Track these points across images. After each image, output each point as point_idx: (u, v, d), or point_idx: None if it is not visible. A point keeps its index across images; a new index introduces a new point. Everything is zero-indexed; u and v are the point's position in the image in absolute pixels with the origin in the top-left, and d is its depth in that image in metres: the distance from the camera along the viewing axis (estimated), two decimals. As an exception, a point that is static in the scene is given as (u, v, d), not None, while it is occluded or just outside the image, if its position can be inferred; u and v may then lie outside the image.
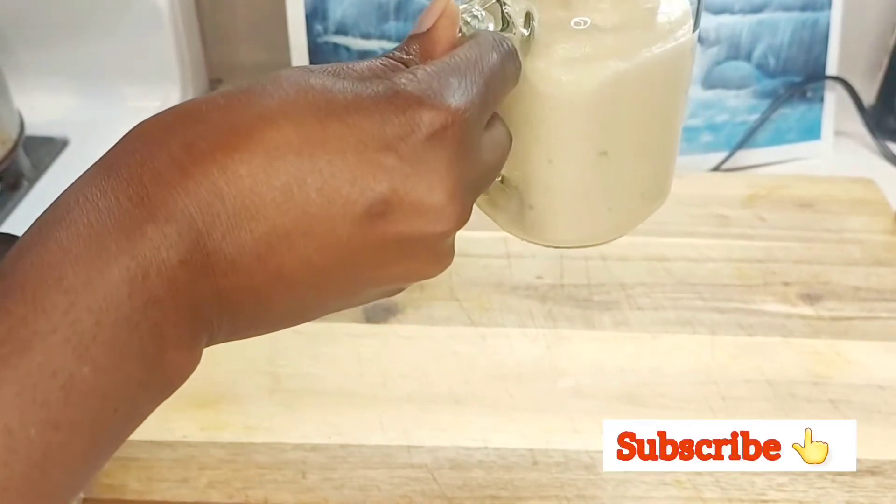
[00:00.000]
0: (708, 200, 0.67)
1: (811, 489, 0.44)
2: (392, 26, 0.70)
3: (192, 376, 0.25)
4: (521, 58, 0.31)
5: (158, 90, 0.77)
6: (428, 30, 0.29)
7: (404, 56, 0.28)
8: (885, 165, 0.77)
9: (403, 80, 0.26)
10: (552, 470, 0.45)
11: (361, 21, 0.70)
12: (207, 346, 0.25)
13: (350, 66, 0.27)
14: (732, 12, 0.72)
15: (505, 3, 0.32)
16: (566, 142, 0.34)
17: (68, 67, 0.75)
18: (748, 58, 0.74)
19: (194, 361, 0.24)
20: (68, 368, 0.21)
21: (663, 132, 0.36)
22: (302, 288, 0.25)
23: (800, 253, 0.62)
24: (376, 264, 0.26)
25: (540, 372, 0.51)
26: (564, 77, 0.32)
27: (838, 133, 0.78)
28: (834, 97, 0.77)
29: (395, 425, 0.47)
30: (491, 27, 0.31)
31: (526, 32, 0.32)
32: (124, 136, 0.25)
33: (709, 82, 0.73)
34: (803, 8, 0.74)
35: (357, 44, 0.70)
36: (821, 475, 0.45)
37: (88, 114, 0.75)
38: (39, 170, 0.67)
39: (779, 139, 0.76)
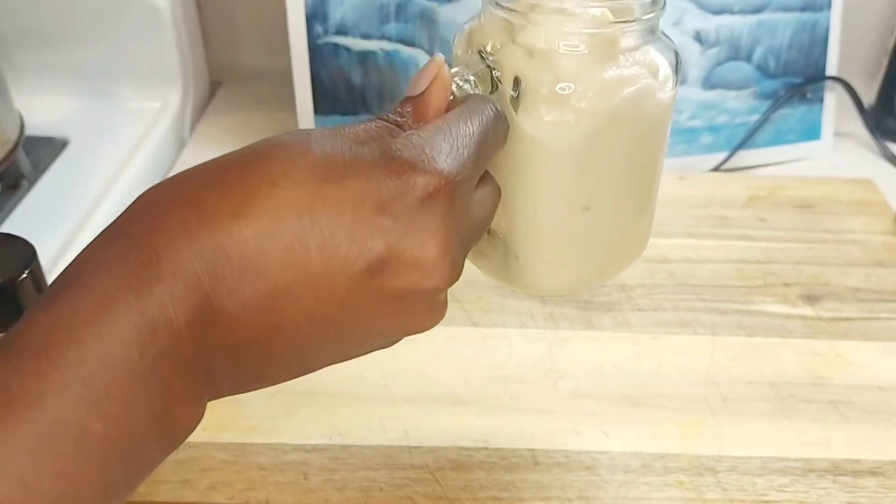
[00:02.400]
0: (708, 201, 0.67)
1: (812, 490, 0.44)
2: (392, 27, 0.70)
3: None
4: (511, 116, 0.33)
5: (159, 91, 0.77)
6: (421, 93, 0.30)
7: (398, 119, 0.30)
8: (885, 166, 0.77)
9: (398, 146, 0.27)
10: (553, 471, 0.45)
11: (362, 22, 0.69)
12: (211, 399, 0.26)
13: (348, 129, 0.28)
14: (732, 13, 0.72)
15: (494, 68, 0.33)
16: (551, 196, 0.35)
17: (68, 68, 0.75)
18: (748, 59, 0.74)
19: (199, 415, 0.26)
20: (81, 423, 0.22)
21: (644, 186, 0.38)
22: (303, 341, 0.27)
23: (800, 254, 0.62)
24: (374, 318, 0.28)
25: (540, 373, 0.51)
26: (550, 136, 0.33)
27: (838, 134, 0.78)
28: (834, 98, 0.77)
29: (396, 426, 0.47)
30: (481, 90, 0.33)
31: (515, 94, 0.33)
32: (136, 200, 0.26)
33: (709, 83, 0.73)
34: (803, 9, 0.74)
35: (357, 44, 0.70)
36: (821, 475, 0.45)
37: (88, 114, 0.75)
38: (39, 170, 0.66)
39: (779, 140, 0.76)
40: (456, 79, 0.32)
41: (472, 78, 0.33)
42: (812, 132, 0.77)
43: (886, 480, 0.45)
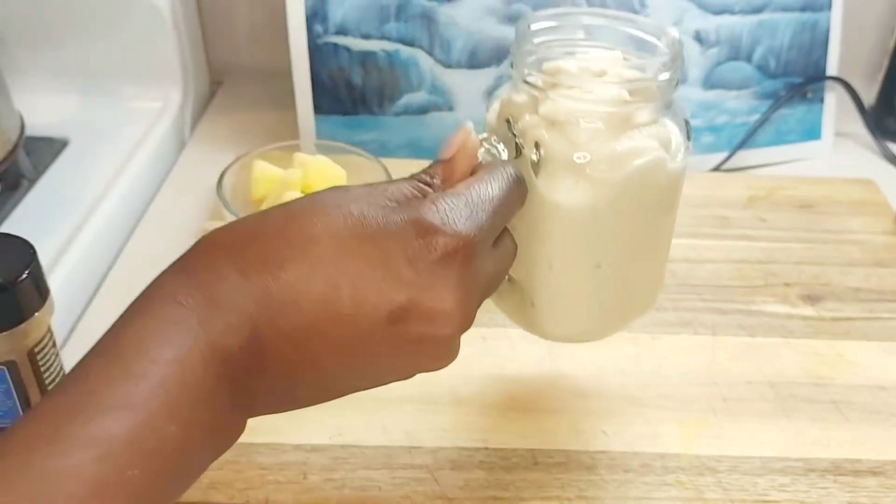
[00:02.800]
0: (709, 201, 0.67)
1: (813, 489, 0.44)
2: (392, 27, 0.70)
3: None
4: (531, 179, 0.36)
5: (159, 91, 0.77)
6: (449, 158, 0.35)
7: (429, 179, 0.34)
8: (885, 166, 0.77)
9: (425, 210, 0.31)
10: (553, 470, 0.45)
11: (362, 22, 0.69)
12: (249, 417, 0.31)
13: (383, 190, 0.32)
14: (732, 13, 0.72)
15: (518, 136, 0.37)
16: (564, 253, 0.39)
17: (68, 68, 0.75)
18: (748, 59, 0.74)
19: (240, 430, 0.30)
20: (162, 427, 0.26)
21: (653, 248, 0.41)
22: (329, 372, 0.31)
23: (800, 254, 0.62)
24: (393, 357, 0.32)
25: (541, 372, 0.51)
26: (565, 201, 0.36)
27: (838, 134, 0.78)
28: (834, 98, 0.77)
29: (396, 426, 0.47)
30: (505, 155, 0.37)
31: (535, 159, 0.37)
32: (198, 242, 0.31)
33: (709, 83, 0.73)
34: (803, 9, 0.74)
35: (357, 44, 0.70)
36: (822, 475, 0.45)
37: (88, 114, 0.75)
38: (39, 170, 0.66)
39: (779, 140, 0.76)
40: (484, 143, 0.37)
41: (499, 144, 0.37)
42: (812, 132, 0.77)
43: (887, 480, 0.45)
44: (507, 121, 0.39)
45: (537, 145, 0.37)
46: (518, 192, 0.35)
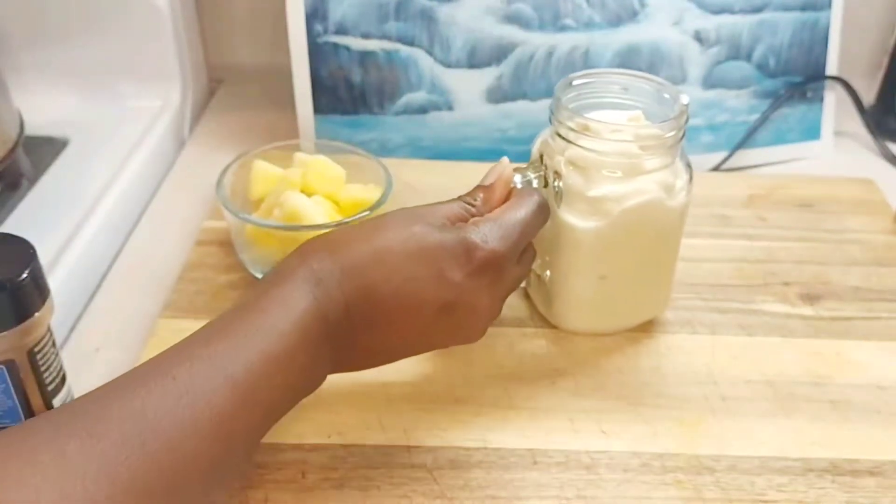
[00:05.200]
0: (708, 200, 0.67)
1: (811, 489, 0.44)
2: (392, 26, 0.70)
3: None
4: (555, 204, 0.48)
5: (158, 90, 0.77)
6: (489, 185, 0.47)
7: (472, 201, 0.46)
8: (885, 165, 0.77)
9: (469, 231, 0.43)
10: (552, 470, 0.45)
11: (362, 21, 0.69)
12: (332, 371, 0.42)
13: (439, 210, 0.44)
14: (732, 12, 0.72)
15: (547, 170, 0.49)
16: (576, 264, 0.50)
17: (68, 67, 0.75)
18: (748, 58, 0.74)
19: (323, 378, 0.41)
20: (296, 354, 0.37)
21: (654, 263, 0.51)
22: (393, 342, 0.43)
23: (800, 253, 0.62)
24: (440, 334, 0.44)
25: (539, 372, 0.51)
26: (577, 224, 0.48)
27: (838, 133, 0.78)
28: (834, 97, 0.77)
29: (394, 425, 0.47)
30: (536, 183, 0.49)
31: (557, 189, 0.48)
32: (309, 242, 0.42)
33: (709, 82, 0.73)
34: (803, 8, 0.74)
35: (357, 44, 0.70)
36: (820, 475, 0.45)
37: (88, 114, 0.75)
38: (39, 170, 0.66)
39: (779, 139, 0.76)
40: (519, 174, 0.48)
41: (531, 175, 0.49)
42: (812, 132, 0.77)
43: (885, 480, 0.45)
44: (541, 157, 0.50)
45: (560, 179, 0.48)
46: (541, 215, 0.47)
